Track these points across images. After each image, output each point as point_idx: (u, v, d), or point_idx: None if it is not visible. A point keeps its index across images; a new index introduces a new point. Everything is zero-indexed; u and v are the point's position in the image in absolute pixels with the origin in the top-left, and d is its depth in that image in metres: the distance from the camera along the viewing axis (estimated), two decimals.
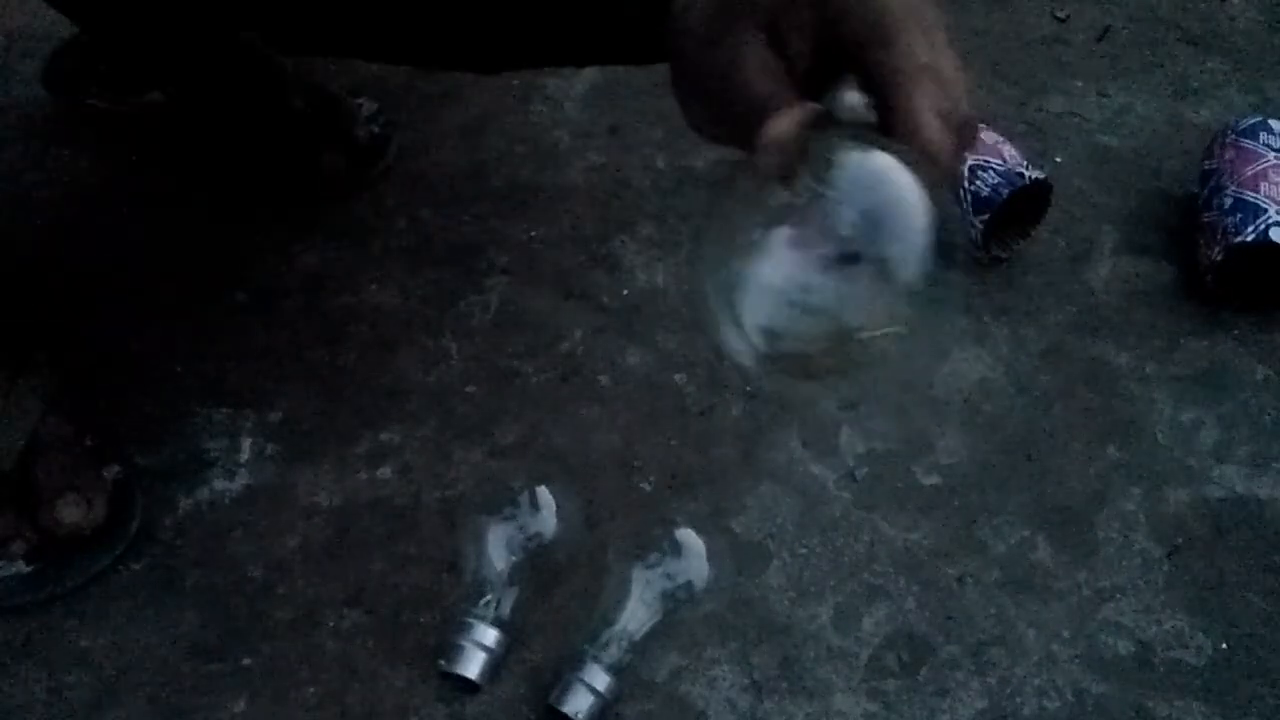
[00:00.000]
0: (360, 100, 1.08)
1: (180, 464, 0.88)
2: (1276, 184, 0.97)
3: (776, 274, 0.41)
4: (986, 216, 0.97)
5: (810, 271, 0.41)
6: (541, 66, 1.05)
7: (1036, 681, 0.79)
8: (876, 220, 0.40)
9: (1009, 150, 1.01)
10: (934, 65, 0.42)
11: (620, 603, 0.78)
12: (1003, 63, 1.20)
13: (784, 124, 0.41)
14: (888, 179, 0.41)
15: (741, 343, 0.42)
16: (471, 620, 0.77)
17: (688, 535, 0.82)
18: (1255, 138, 1.01)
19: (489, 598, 0.78)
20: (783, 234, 0.41)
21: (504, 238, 1.03)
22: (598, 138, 1.12)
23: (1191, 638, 0.81)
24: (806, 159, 0.41)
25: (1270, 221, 0.94)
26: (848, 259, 0.40)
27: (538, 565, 0.81)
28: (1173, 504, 0.88)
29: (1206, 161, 1.04)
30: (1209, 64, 1.21)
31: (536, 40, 0.66)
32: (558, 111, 1.14)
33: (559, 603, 0.81)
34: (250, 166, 1.04)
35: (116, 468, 0.84)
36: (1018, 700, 0.78)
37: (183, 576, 0.83)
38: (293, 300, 0.99)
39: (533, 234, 1.04)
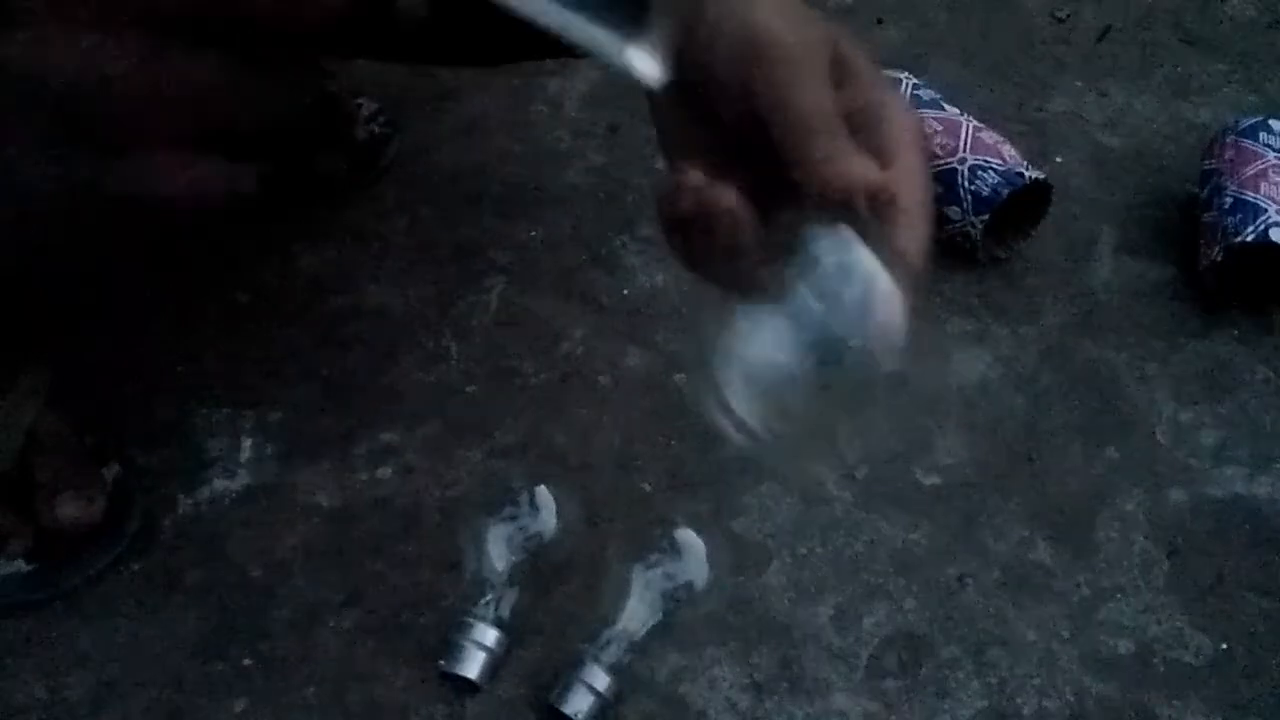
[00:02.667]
0: (360, 100, 1.08)
1: (180, 464, 0.88)
2: (1276, 184, 0.97)
3: (759, 362, 0.43)
4: (986, 216, 0.97)
5: (792, 362, 0.42)
6: (540, 58, 1.05)
7: (1036, 681, 0.79)
8: (848, 313, 0.42)
9: (1009, 150, 1.01)
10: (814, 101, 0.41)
11: (620, 603, 0.78)
12: (1003, 63, 1.20)
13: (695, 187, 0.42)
14: (860, 273, 0.41)
15: (730, 422, 0.44)
16: (471, 620, 0.77)
17: (688, 535, 0.82)
18: (1255, 138, 1.01)
19: (489, 598, 0.78)
20: (766, 323, 0.43)
21: (504, 238, 1.03)
22: (598, 138, 1.12)
23: (1191, 638, 0.81)
24: (787, 254, 0.42)
25: (1270, 221, 0.94)
26: (826, 350, 0.42)
27: (538, 565, 0.81)
28: (1173, 504, 0.88)
29: (1206, 161, 1.04)
30: (1209, 64, 1.21)
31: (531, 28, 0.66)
32: (558, 111, 1.14)
33: (559, 603, 0.81)
34: (249, 166, 1.04)
35: (116, 467, 0.84)
36: (1018, 700, 0.78)
37: (183, 576, 0.83)
38: (293, 300, 0.99)
39: (533, 234, 1.04)
